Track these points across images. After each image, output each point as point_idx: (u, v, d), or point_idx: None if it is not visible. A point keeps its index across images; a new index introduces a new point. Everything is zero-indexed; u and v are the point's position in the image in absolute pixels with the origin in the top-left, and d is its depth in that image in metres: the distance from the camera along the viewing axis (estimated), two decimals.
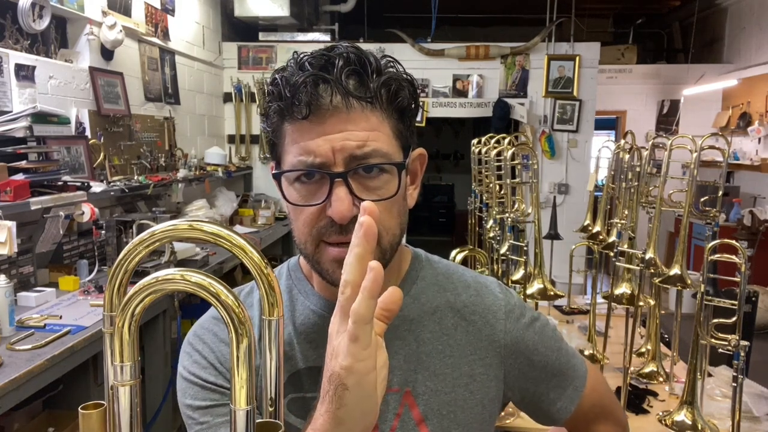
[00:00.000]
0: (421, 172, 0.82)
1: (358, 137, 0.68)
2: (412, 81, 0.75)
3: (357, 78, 0.69)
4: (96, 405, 0.49)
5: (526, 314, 0.87)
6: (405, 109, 0.73)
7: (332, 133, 0.68)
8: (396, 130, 0.72)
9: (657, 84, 6.87)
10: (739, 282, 1.50)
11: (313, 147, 0.68)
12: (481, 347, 0.82)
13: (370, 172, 0.70)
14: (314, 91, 0.67)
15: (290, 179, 0.72)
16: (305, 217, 0.71)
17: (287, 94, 0.68)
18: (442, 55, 5.41)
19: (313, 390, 0.78)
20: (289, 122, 0.70)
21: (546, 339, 0.87)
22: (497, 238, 2.22)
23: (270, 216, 4.85)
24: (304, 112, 0.67)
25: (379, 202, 0.69)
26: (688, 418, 1.54)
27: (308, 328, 0.80)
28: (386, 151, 0.70)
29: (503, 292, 0.87)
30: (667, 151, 1.86)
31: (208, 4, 4.97)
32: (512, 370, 0.84)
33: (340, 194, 0.68)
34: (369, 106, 0.69)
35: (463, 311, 0.83)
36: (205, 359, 0.79)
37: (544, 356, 0.86)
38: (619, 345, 2.02)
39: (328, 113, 0.68)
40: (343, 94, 0.67)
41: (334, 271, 0.72)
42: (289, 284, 0.84)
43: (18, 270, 2.49)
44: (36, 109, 2.51)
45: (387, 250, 0.73)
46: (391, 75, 0.71)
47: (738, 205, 5.64)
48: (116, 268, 0.49)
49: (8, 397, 1.68)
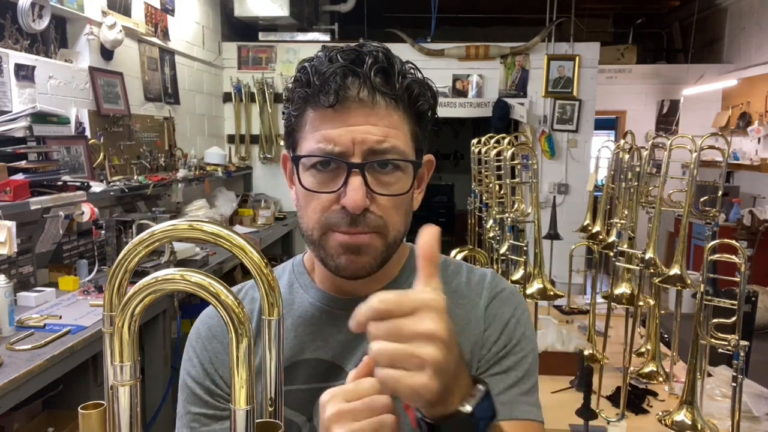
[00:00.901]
0: (428, 177, 0.84)
1: (379, 132, 0.70)
2: (433, 89, 0.77)
3: (384, 76, 0.71)
4: (96, 405, 0.49)
5: (513, 299, 0.84)
6: (424, 113, 0.75)
7: (355, 125, 0.70)
8: (413, 132, 0.74)
9: (657, 84, 6.87)
10: (738, 282, 1.50)
11: (334, 136, 0.69)
12: (467, 328, 0.81)
13: (385, 167, 0.71)
14: (343, 82, 0.69)
15: (306, 165, 0.73)
16: (317, 203, 0.72)
17: (316, 81, 0.70)
18: (442, 55, 5.41)
19: (308, 382, 0.79)
20: (313, 109, 0.72)
21: (519, 330, 0.82)
22: (497, 238, 2.22)
23: (270, 216, 4.85)
24: (331, 100, 0.69)
25: (389, 198, 0.72)
26: (688, 418, 1.54)
27: (305, 320, 0.81)
28: (403, 149, 0.72)
29: (495, 278, 0.86)
30: (666, 151, 1.86)
31: (207, 4, 4.97)
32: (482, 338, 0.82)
33: (356, 184, 0.69)
34: (393, 104, 0.71)
35: (452, 296, 0.82)
36: (201, 364, 0.81)
37: (506, 340, 0.80)
38: (619, 345, 2.02)
39: (354, 105, 0.69)
40: (371, 88, 0.69)
41: (338, 256, 0.73)
42: (291, 279, 0.85)
43: (18, 270, 2.49)
44: (36, 109, 2.51)
45: (391, 245, 0.75)
46: (416, 79, 0.74)
47: (738, 205, 5.64)
48: (116, 268, 0.49)
49: (8, 397, 1.68)
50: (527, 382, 0.80)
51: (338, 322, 0.80)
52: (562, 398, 1.91)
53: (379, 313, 0.50)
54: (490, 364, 0.79)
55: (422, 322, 0.50)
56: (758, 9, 6.02)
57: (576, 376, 1.97)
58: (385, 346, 0.50)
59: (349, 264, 0.73)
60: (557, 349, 2.13)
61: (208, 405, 0.79)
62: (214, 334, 0.82)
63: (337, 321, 0.80)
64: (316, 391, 0.79)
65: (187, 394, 0.81)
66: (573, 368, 1.98)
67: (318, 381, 0.79)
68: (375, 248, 0.73)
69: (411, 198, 0.77)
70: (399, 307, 0.50)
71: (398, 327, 0.50)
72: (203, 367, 0.80)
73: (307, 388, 0.79)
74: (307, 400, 0.79)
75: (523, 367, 0.80)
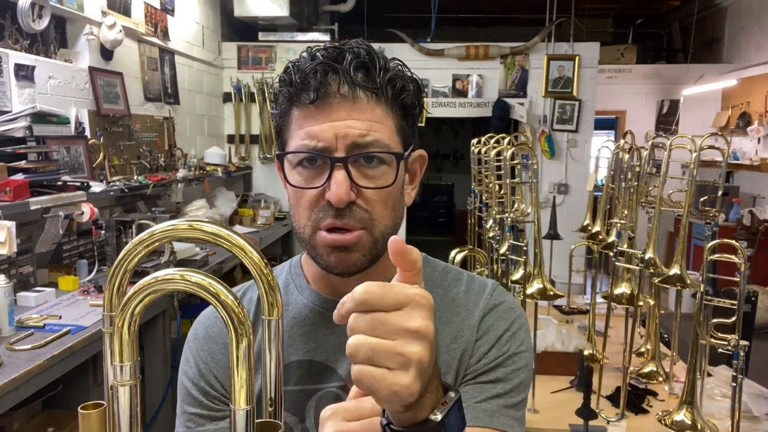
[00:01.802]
0: (421, 172, 0.83)
1: (361, 126, 0.70)
2: (418, 83, 0.78)
3: (365, 71, 0.71)
4: (96, 405, 0.49)
5: (511, 313, 0.82)
6: (409, 107, 0.76)
7: (337, 120, 0.70)
8: (398, 126, 0.75)
9: (656, 84, 6.87)
10: (738, 282, 1.50)
11: (317, 131, 0.70)
12: (459, 336, 0.80)
13: (370, 162, 0.72)
14: (323, 79, 0.70)
15: (293, 163, 0.74)
16: (305, 201, 0.73)
17: (297, 80, 0.71)
18: (442, 55, 5.41)
19: (301, 383, 0.79)
20: (296, 107, 0.73)
21: (513, 344, 0.79)
22: (497, 238, 2.22)
23: (269, 216, 4.85)
24: (312, 97, 0.70)
25: (374, 192, 0.72)
26: (688, 417, 1.54)
27: (299, 322, 0.81)
28: (387, 143, 0.72)
29: (495, 290, 0.84)
30: (666, 151, 1.86)
31: (207, 4, 4.96)
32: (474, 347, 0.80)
33: (339, 177, 0.69)
34: (374, 98, 0.72)
35: (449, 305, 0.82)
36: (196, 365, 0.81)
37: (497, 353, 0.78)
38: (619, 345, 2.03)
39: (335, 101, 0.70)
40: (351, 83, 0.70)
41: (327, 255, 0.73)
42: (287, 280, 0.86)
43: (17, 270, 2.49)
44: (35, 109, 2.51)
45: (379, 240, 0.74)
46: (398, 73, 0.74)
47: (737, 205, 5.64)
48: (116, 268, 0.49)
49: (8, 397, 1.67)
50: (515, 396, 0.77)
51: (331, 324, 0.79)
52: (562, 398, 1.91)
53: (362, 304, 0.46)
54: (478, 373, 0.77)
55: (410, 318, 0.46)
56: (758, 9, 6.02)
57: (576, 376, 1.97)
58: (366, 339, 0.45)
59: (338, 263, 0.73)
60: (557, 349, 2.13)
61: (202, 405, 0.80)
62: (210, 335, 0.82)
63: (329, 323, 0.79)
64: (309, 392, 0.79)
65: (183, 394, 0.81)
66: (573, 368, 1.98)
67: (311, 382, 0.79)
68: (363, 245, 0.73)
69: (400, 192, 0.77)
70: (384, 299, 0.46)
71: (382, 320, 0.46)
72: (198, 368, 0.81)
73: (299, 389, 0.79)
74: (300, 401, 0.79)
75: (513, 381, 0.77)
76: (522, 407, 0.78)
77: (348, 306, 0.47)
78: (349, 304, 0.47)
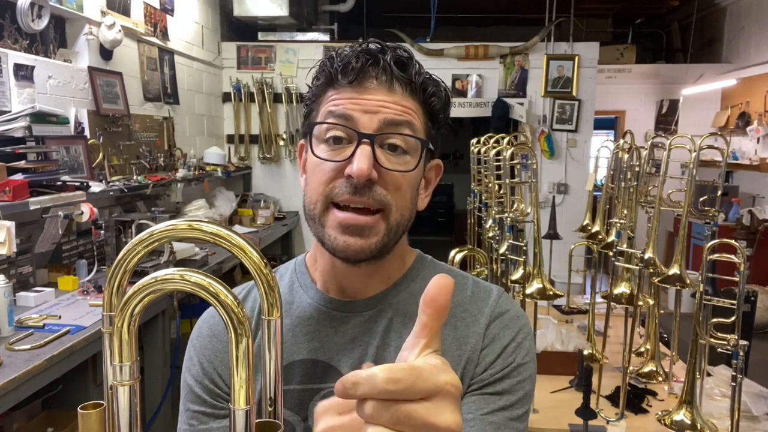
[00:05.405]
0: (435, 182, 0.84)
1: (394, 109, 0.73)
2: (448, 93, 0.80)
3: (402, 67, 0.74)
4: (95, 405, 0.49)
5: (517, 322, 0.82)
6: (437, 111, 0.78)
7: (371, 101, 0.72)
8: (426, 124, 0.76)
9: (656, 84, 6.88)
10: (738, 281, 1.50)
11: (349, 107, 0.72)
12: (465, 343, 0.79)
13: (394, 150, 0.73)
14: (364, 66, 0.73)
15: (319, 139, 0.74)
16: (322, 175, 0.73)
17: (339, 63, 0.74)
18: (441, 54, 5.41)
19: (303, 382, 0.79)
20: (332, 88, 0.75)
21: (519, 355, 0.79)
22: (496, 237, 2.22)
23: (269, 216, 4.85)
24: (350, 78, 0.73)
25: (395, 176, 0.72)
26: (688, 417, 1.54)
27: (303, 321, 0.81)
28: (419, 129, 0.75)
29: (501, 296, 0.84)
30: (666, 151, 1.86)
31: (207, 4, 4.96)
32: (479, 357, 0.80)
33: (364, 152, 0.70)
34: (408, 92, 0.74)
35: (454, 310, 0.81)
36: (200, 363, 0.81)
37: (503, 364, 0.78)
38: (619, 344, 2.03)
39: (372, 86, 0.73)
40: (389, 74, 0.73)
41: (336, 238, 0.73)
42: (292, 279, 0.85)
43: (17, 270, 2.49)
44: (35, 108, 2.51)
45: (393, 228, 0.74)
46: (431, 79, 0.78)
47: (737, 204, 5.65)
48: (115, 268, 0.49)
49: (7, 397, 1.67)
50: (519, 408, 0.77)
51: (335, 324, 0.80)
52: (561, 398, 1.91)
53: (385, 394, 0.38)
54: (484, 384, 0.77)
55: (440, 413, 0.39)
56: (757, 9, 6.02)
57: (576, 375, 1.97)
58: None
59: (347, 247, 0.73)
60: (557, 348, 2.13)
61: (206, 403, 0.80)
62: (215, 333, 0.82)
63: (333, 322, 0.80)
64: (312, 391, 0.79)
65: (186, 392, 0.82)
66: (573, 368, 1.98)
67: (314, 382, 0.79)
68: (377, 231, 0.73)
69: (416, 189, 0.78)
70: (412, 390, 0.39)
71: (409, 415, 0.39)
72: (202, 366, 0.81)
73: (303, 388, 0.79)
74: (303, 400, 0.79)
75: (518, 393, 0.77)
76: (525, 418, 0.78)
77: (364, 390, 0.38)
78: (366, 388, 0.38)
